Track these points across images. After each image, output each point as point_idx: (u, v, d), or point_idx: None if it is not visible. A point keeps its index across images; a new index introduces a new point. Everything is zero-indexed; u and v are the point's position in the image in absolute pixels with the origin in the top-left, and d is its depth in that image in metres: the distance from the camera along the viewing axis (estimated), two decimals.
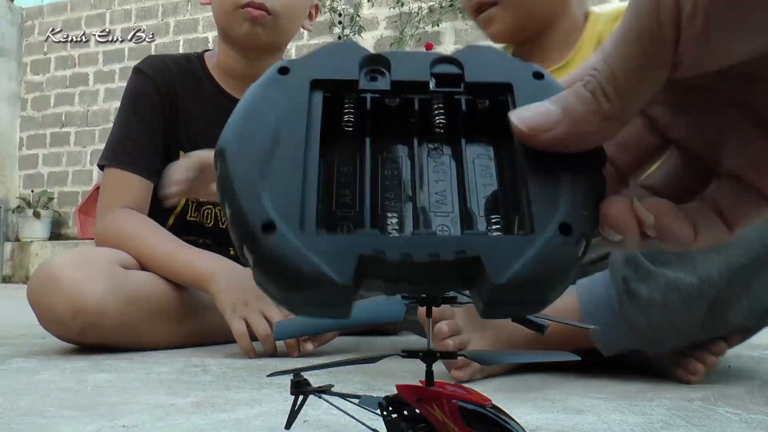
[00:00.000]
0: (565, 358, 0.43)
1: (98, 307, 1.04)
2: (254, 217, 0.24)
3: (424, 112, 0.29)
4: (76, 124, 4.75)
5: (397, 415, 0.41)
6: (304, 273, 0.23)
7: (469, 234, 0.26)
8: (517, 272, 0.24)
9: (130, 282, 1.09)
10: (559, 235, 0.25)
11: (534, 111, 0.25)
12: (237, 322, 1.05)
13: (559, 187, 0.26)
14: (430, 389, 0.38)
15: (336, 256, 0.23)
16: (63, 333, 1.07)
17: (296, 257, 0.23)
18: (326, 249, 0.24)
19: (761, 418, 0.62)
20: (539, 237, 0.25)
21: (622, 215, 0.24)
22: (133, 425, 0.58)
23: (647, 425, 0.59)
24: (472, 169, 0.28)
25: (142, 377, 0.84)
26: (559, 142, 0.25)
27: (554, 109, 0.25)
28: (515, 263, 0.24)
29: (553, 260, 0.24)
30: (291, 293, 0.24)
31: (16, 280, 4.42)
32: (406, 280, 0.25)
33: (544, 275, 0.25)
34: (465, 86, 0.29)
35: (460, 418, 0.36)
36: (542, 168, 0.26)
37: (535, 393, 0.74)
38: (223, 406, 0.66)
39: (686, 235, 0.24)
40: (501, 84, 0.29)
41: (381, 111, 0.29)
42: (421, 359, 0.40)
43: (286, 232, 0.24)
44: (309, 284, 0.23)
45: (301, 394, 0.50)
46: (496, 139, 0.29)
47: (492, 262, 0.24)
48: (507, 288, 0.24)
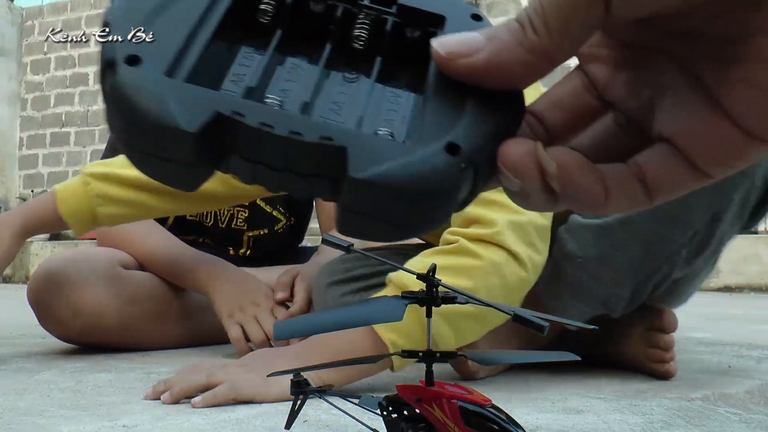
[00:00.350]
0: (565, 358, 0.43)
1: (98, 308, 1.04)
2: (123, 47, 0.23)
3: (346, 23, 0.27)
4: (76, 124, 4.75)
5: (397, 415, 0.41)
6: (151, 111, 0.21)
7: (345, 129, 0.23)
8: (381, 172, 0.21)
9: (130, 282, 1.09)
10: (443, 152, 0.22)
11: (458, 37, 0.23)
12: (233, 328, 1.06)
13: (462, 115, 0.23)
14: (430, 389, 0.38)
15: (192, 107, 0.21)
16: (63, 333, 1.07)
17: (149, 94, 0.22)
18: (185, 98, 0.22)
19: (761, 418, 0.62)
20: (421, 148, 0.22)
21: (521, 157, 0.22)
22: (133, 425, 0.58)
23: (647, 425, 0.59)
24: (380, 92, 0.26)
25: (142, 377, 0.84)
26: (477, 70, 0.23)
27: (480, 37, 0.23)
28: (383, 164, 0.21)
29: (427, 174, 0.22)
30: (134, 132, 0.22)
31: (16, 280, 4.42)
32: (263, 161, 0.22)
33: (412, 186, 0.21)
34: (397, 8, 0.27)
35: (460, 418, 0.36)
36: (451, 95, 0.23)
37: (535, 393, 0.74)
38: (223, 406, 0.66)
39: (596, 194, 0.22)
40: (434, 15, 0.27)
41: (303, 13, 0.27)
42: (421, 359, 0.40)
43: (150, 69, 0.22)
44: (152, 123, 0.21)
45: (301, 394, 0.50)
46: (415, 70, 0.26)
47: (357, 157, 0.21)
48: (364, 186, 0.21)
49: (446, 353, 0.41)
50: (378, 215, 0.22)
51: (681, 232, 0.79)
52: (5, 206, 4.64)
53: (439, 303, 0.39)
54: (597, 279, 0.82)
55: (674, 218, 0.79)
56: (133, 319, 1.08)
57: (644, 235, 0.79)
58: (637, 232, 0.80)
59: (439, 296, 0.39)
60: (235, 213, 1.36)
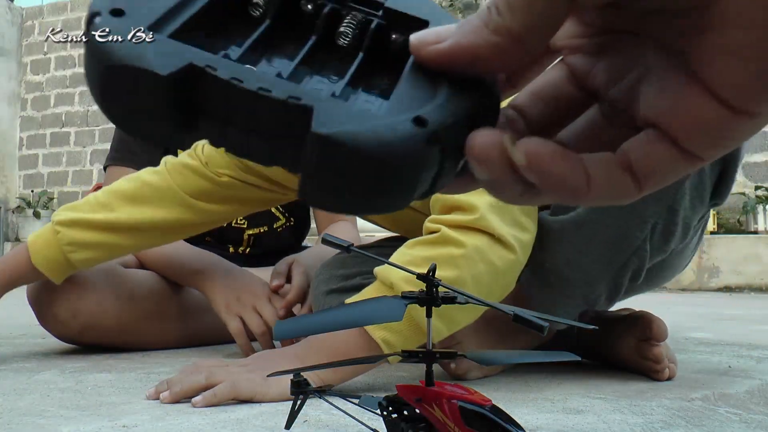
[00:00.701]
0: (565, 358, 0.43)
1: (97, 307, 1.04)
2: (109, 2, 0.23)
3: (332, 21, 0.28)
4: (76, 124, 4.75)
5: (397, 415, 0.41)
6: (127, 55, 0.22)
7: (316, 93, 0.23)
8: (344, 130, 0.21)
9: (130, 281, 1.10)
10: (410, 123, 0.22)
11: (433, 29, 0.24)
12: (233, 321, 1.05)
13: (434, 98, 0.23)
14: (430, 389, 0.38)
15: (168, 56, 0.22)
16: (62, 332, 1.07)
17: (128, 43, 0.22)
18: (162, 49, 0.22)
19: (761, 418, 0.62)
20: (388, 117, 0.22)
21: (487, 147, 0.22)
22: (133, 425, 0.58)
23: (647, 425, 0.59)
24: (357, 87, 0.26)
25: (142, 377, 0.84)
26: (445, 53, 0.23)
27: (452, 27, 0.23)
28: (347, 125, 0.21)
29: (390, 139, 0.21)
30: (108, 77, 0.22)
31: None
32: (230, 120, 0.22)
33: (375, 149, 0.21)
34: (383, 11, 0.28)
35: (460, 418, 0.36)
36: (425, 81, 0.24)
37: (535, 393, 0.74)
38: (223, 406, 0.66)
39: (576, 183, 0.22)
40: (418, 20, 0.28)
41: (292, 11, 0.28)
42: (421, 359, 0.40)
43: (132, 22, 0.23)
44: (127, 67, 0.22)
45: (301, 394, 0.50)
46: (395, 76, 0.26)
47: (323, 116, 0.21)
48: (326, 143, 0.21)
49: (446, 353, 0.41)
50: (339, 182, 0.22)
51: (638, 227, 0.79)
52: (5, 206, 4.64)
53: (439, 303, 0.39)
54: (569, 281, 0.82)
55: (628, 216, 0.79)
56: (133, 318, 1.08)
57: (603, 236, 0.79)
58: (595, 234, 0.80)
59: (439, 296, 0.39)
60: None
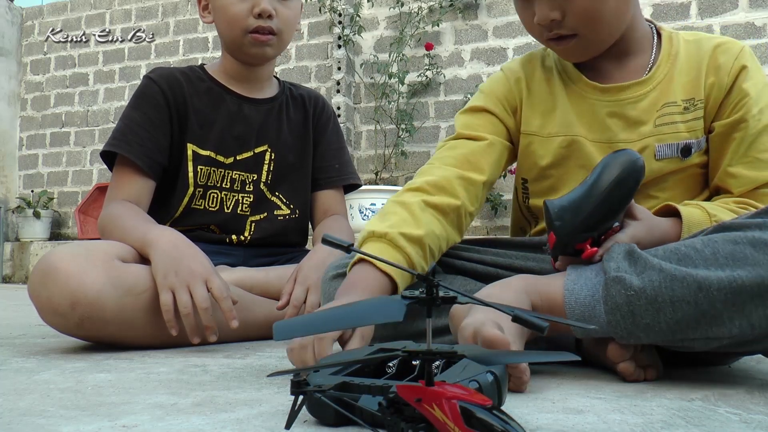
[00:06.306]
0: (565, 358, 0.43)
1: (96, 299, 1.05)
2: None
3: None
4: (76, 124, 4.75)
5: (397, 415, 0.41)
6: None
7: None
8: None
9: (128, 274, 1.10)
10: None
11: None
12: (164, 294, 1.08)
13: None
14: (430, 389, 0.38)
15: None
16: (62, 324, 1.07)
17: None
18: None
19: (761, 418, 0.62)
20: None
21: None
22: (133, 425, 0.58)
23: (647, 425, 0.59)
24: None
25: (142, 377, 0.84)
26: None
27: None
28: None
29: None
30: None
31: (16, 280, 4.42)
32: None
33: None
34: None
35: (460, 418, 0.36)
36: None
37: (535, 393, 0.74)
38: (223, 406, 0.66)
39: None
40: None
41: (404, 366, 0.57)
42: (422, 359, 0.40)
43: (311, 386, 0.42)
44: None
45: (301, 394, 0.50)
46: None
47: None
48: None
49: (446, 353, 0.41)
50: None
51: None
52: (5, 206, 4.64)
53: (439, 303, 0.39)
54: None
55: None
56: (132, 310, 1.09)
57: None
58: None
59: (439, 296, 0.39)
60: (240, 199, 1.42)
